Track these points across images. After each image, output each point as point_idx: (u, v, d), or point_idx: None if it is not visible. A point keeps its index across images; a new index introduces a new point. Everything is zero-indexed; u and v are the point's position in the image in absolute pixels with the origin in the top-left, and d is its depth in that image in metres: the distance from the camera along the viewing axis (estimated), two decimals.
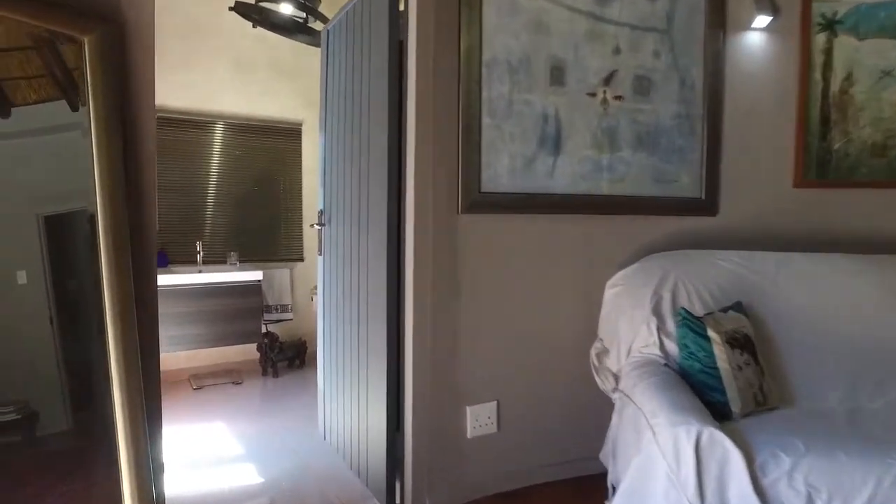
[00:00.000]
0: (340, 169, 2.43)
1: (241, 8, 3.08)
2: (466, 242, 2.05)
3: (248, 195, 3.98)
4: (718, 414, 1.61)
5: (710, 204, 2.36)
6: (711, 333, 1.78)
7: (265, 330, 3.80)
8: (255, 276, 3.66)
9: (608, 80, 2.20)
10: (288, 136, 4.08)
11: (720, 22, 2.32)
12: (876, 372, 1.92)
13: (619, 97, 2.22)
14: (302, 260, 4.14)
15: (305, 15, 3.14)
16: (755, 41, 2.38)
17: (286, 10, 3.09)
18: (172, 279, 3.36)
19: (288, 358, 3.82)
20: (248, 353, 3.81)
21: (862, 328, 2.01)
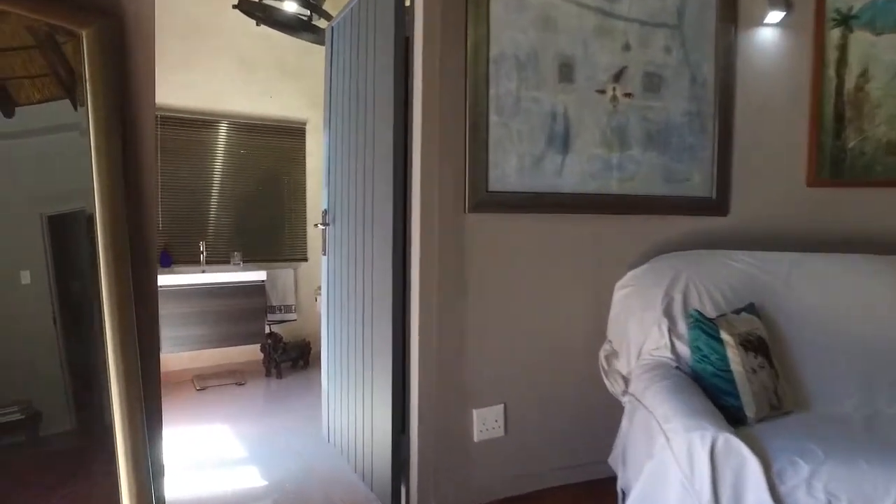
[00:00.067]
0: (345, 168, 2.40)
1: (244, 6, 3.06)
2: (473, 242, 2.02)
3: (251, 195, 3.96)
4: (732, 419, 1.57)
5: (721, 203, 2.32)
6: (725, 336, 1.74)
7: (269, 330, 3.78)
8: (258, 276, 3.65)
9: (618, 76, 2.16)
10: (292, 135, 4.06)
11: (732, 17, 2.28)
12: (890, 373, 1.89)
13: (628, 94, 2.18)
14: (306, 260, 4.12)
15: (309, 12, 3.12)
16: (767, 37, 2.33)
17: (290, 7, 3.08)
18: (176, 279, 3.35)
19: (291, 359, 3.80)
20: (251, 353, 3.80)
21: (875, 329, 1.97)
